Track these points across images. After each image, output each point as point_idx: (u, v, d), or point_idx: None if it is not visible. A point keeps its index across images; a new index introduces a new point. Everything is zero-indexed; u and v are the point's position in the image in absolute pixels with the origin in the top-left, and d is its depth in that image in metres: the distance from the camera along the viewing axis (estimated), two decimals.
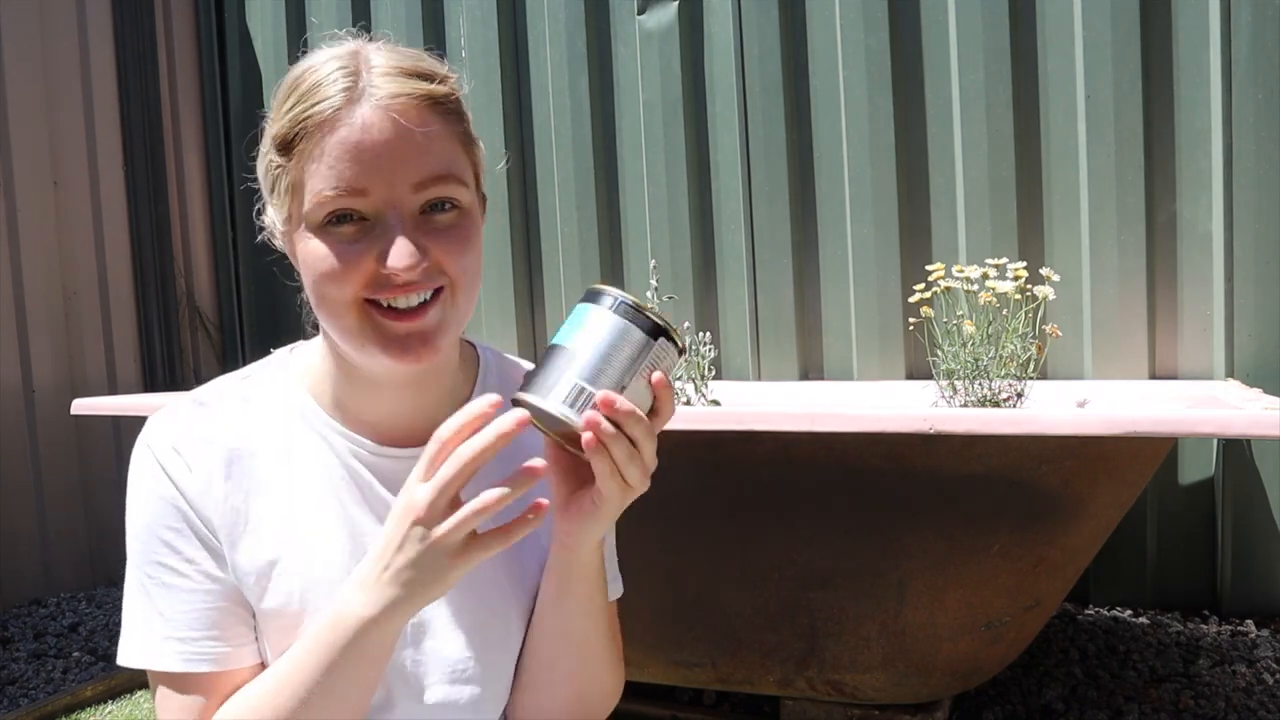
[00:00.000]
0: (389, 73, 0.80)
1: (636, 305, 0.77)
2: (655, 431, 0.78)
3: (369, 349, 0.82)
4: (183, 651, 0.84)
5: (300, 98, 0.81)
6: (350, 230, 0.80)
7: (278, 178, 0.83)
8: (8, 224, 3.18)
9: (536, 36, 3.17)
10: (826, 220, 2.82)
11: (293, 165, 0.81)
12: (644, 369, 0.76)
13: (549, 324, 3.23)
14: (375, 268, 0.80)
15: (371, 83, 0.79)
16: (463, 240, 0.83)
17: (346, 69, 0.80)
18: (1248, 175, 2.37)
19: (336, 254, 0.80)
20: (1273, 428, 1.38)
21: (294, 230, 0.83)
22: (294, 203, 0.82)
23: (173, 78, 3.72)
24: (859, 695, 1.82)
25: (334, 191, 0.78)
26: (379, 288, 0.80)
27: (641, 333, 0.76)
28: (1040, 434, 1.50)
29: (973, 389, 2.13)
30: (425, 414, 0.91)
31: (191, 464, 0.86)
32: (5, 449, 3.15)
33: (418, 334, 0.81)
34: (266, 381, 0.93)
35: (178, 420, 0.89)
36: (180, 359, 3.67)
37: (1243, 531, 2.43)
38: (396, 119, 0.78)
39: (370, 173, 0.78)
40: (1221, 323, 2.41)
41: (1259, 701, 2.08)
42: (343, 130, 0.78)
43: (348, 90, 0.79)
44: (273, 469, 0.89)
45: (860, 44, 2.72)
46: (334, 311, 0.82)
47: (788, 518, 1.72)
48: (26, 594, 3.16)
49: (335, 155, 0.78)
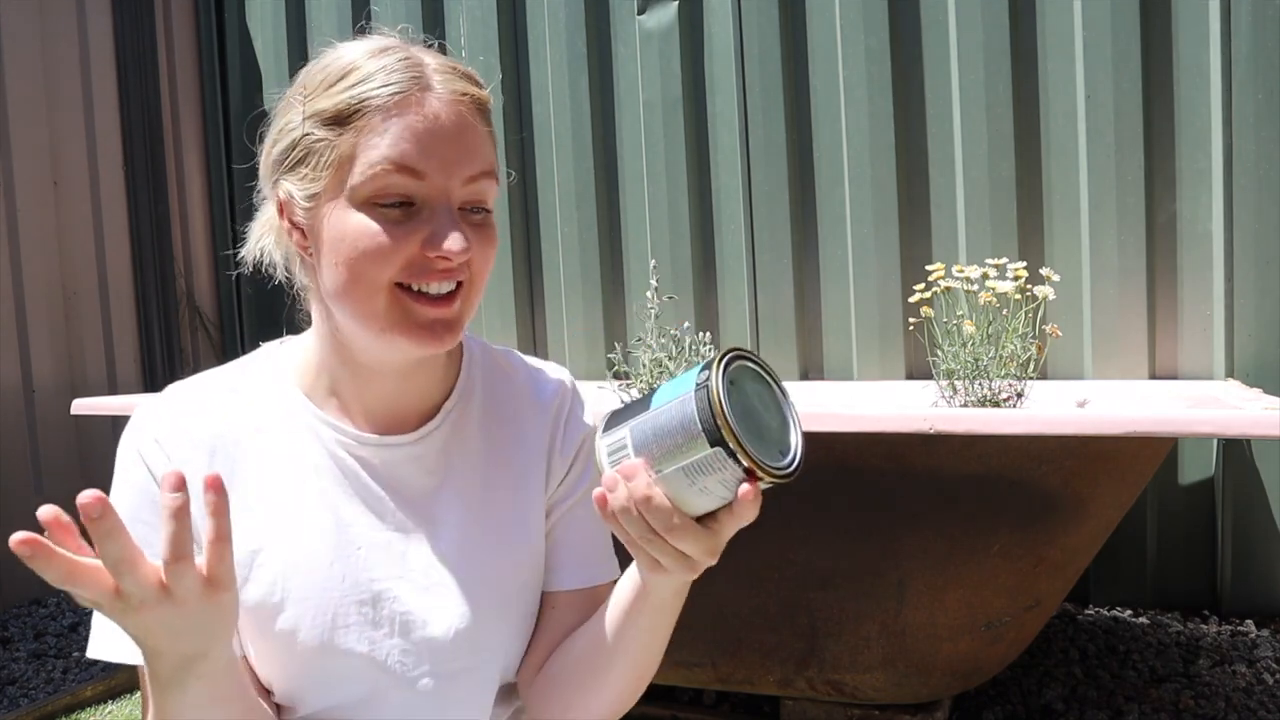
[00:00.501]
0: (447, 71, 0.84)
1: (717, 415, 0.66)
2: (706, 533, 0.73)
3: (393, 334, 0.83)
4: None
5: (363, 78, 0.82)
6: (397, 213, 0.81)
7: (316, 150, 0.83)
8: (8, 224, 3.18)
9: (536, 36, 3.17)
10: (826, 220, 2.82)
11: (345, 139, 0.81)
12: (687, 466, 0.68)
13: (549, 324, 3.23)
14: (419, 251, 0.81)
15: (434, 77, 0.83)
16: (490, 240, 0.86)
17: (409, 60, 0.83)
18: (1248, 175, 2.37)
19: (386, 231, 0.81)
20: (1273, 428, 1.38)
21: (324, 205, 0.83)
22: (336, 175, 0.82)
23: (173, 78, 3.73)
24: (859, 695, 1.82)
25: (393, 166, 0.80)
26: (417, 272, 0.82)
27: (709, 449, 0.67)
28: (1040, 434, 1.50)
29: (973, 389, 2.13)
30: (415, 401, 0.93)
31: (172, 455, 0.87)
32: (5, 449, 3.15)
33: (443, 321, 0.84)
34: (254, 373, 0.94)
35: (161, 412, 0.90)
36: (180, 359, 3.67)
37: (1243, 531, 2.43)
38: (463, 113, 0.83)
39: (432, 158, 0.81)
40: (1221, 323, 2.41)
41: (1259, 701, 2.08)
42: (411, 114, 0.81)
43: (416, 79, 0.82)
44: (257, 459, 0.89)
45: (860, 44, 2.72)
46: (366, 292, 0.82)
47: (787, 518, 1.72)
48: (26, 594, 3.17)
49: (400, 134, 0.80)
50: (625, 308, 3.11)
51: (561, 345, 3.20)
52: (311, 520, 0.88)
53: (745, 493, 0.69)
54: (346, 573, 0.88)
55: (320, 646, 0.87)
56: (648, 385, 2.44)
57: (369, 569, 0.88)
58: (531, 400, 0.99)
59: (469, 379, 0.97)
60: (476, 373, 0.98)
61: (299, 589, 0.86)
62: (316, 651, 0.87)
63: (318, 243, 0.85)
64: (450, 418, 0.94)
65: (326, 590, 0.87)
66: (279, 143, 0.86)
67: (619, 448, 0.72)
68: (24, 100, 3.24)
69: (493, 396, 0.98)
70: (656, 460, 0.70)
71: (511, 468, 0.96)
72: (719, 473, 0.68)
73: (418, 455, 0.92)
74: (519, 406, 0.98)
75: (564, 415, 0.99)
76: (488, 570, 0.93)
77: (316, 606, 0.87)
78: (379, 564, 0.89)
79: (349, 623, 0.87)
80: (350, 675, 0.88)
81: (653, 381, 2.43)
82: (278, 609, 0.86)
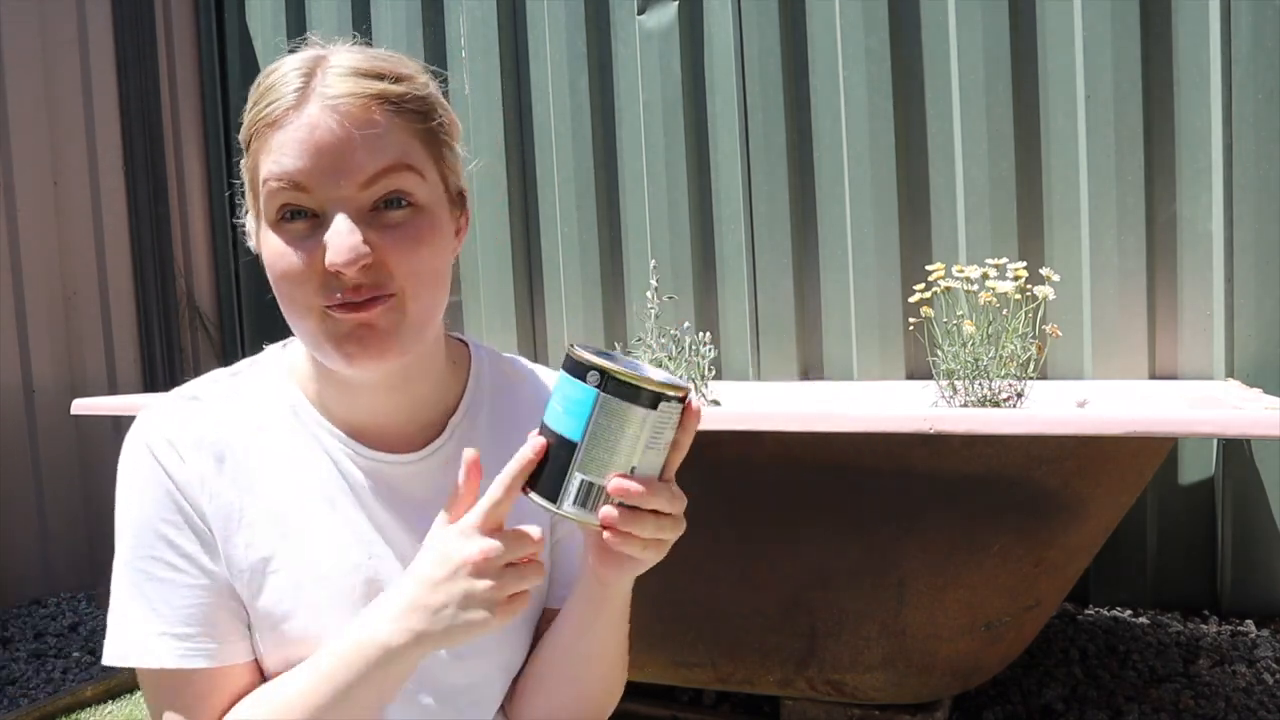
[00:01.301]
0: (344, 73, 0.80)
1: (628, 381, 0.71)
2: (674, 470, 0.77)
3: (326, 349, 0.81)
4: (178, 648, 0.83)
5: (259, 98, 0.82)
6: (302, 227, 0.80)
7: (243, 174, 0.86)
8: (8, 224, 3.18)
9: (536, 36, 3.17)
10: (826, 220, 2.82)
11: (249, 163, 0.83)
12: (650, 439, 0.72)
13: (549, 324, 3.23)
14: (324, 267, 0.79)
15: (324, 82, 0.80)
16: (413, 238, 0.81)
17: (302, 70, 0.81)
18: (1248, 175, 2.37)
19: (293, 248, 0.80)
20: (1273, 428, 1.38)
21: (259, 229, 0.84)
22: (254, 200, 0.84)
23: (173, 78, 3.73)
24: (859, 695, 1.82)
25: (277, 183, 0.79)
26: (331, 291, 0.79)
27: (641, 408, 0.71)
28: (1040, 434, 1.50)
29: (973, 389, 2.12)
30: (410, 417, 0.91)
31: (185, 456, 0.86)
32: (5, 449, 3.15)
33: (366, 326, 0.80)
34: (259, 377, 0.93)
35: (170, 415, 0.89)
36: (180, 359, 3.67)
37: (1243, 531, 2.43)
38: (340, 117, 0.78)
39: (312, 169, 0.78)
40: (1221, 323, 2.41)
41: (1259, 701, 2.08)
42: (290, 127, 0.79)
43: (299, 90, 0.79)
44: (265, 466, 0.88)
45: (860, 44, 2.72)
46: (299, 312, 0.82)
47: (788, 518, 1.72)
48: (26, 594, 3.16)
49: (281, 150, 0.79)
50: (625, 308, 3.11)
51: (561, 345, 3.19)
52: (321, 530, 0.88)
53: (694, 410, 0.76)
54: (356, 583, 0.87)
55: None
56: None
57: (376, 581, 0.88)
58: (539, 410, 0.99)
59: (477, 391, 0.96)
60: (485, 384, 0.97)
61: (309, 598, 0.86)
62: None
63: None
64: (457, 433, 0.93)
65: (335, 601, 0.87)
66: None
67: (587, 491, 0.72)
68: (24, 100, 3.24)
69: (501, 407, 0.97)
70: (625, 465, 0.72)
71: None
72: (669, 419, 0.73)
73: (423, 471, 0.91)
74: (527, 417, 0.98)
75: None
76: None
77: (325, 617, 0.86)
78: (386, 577, 0.88)
79: None
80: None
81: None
82: (287, 617, 0.86)
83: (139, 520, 0.85)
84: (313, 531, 0.87)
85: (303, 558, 0.87)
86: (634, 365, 0.75)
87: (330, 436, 0.90)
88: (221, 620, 0.85)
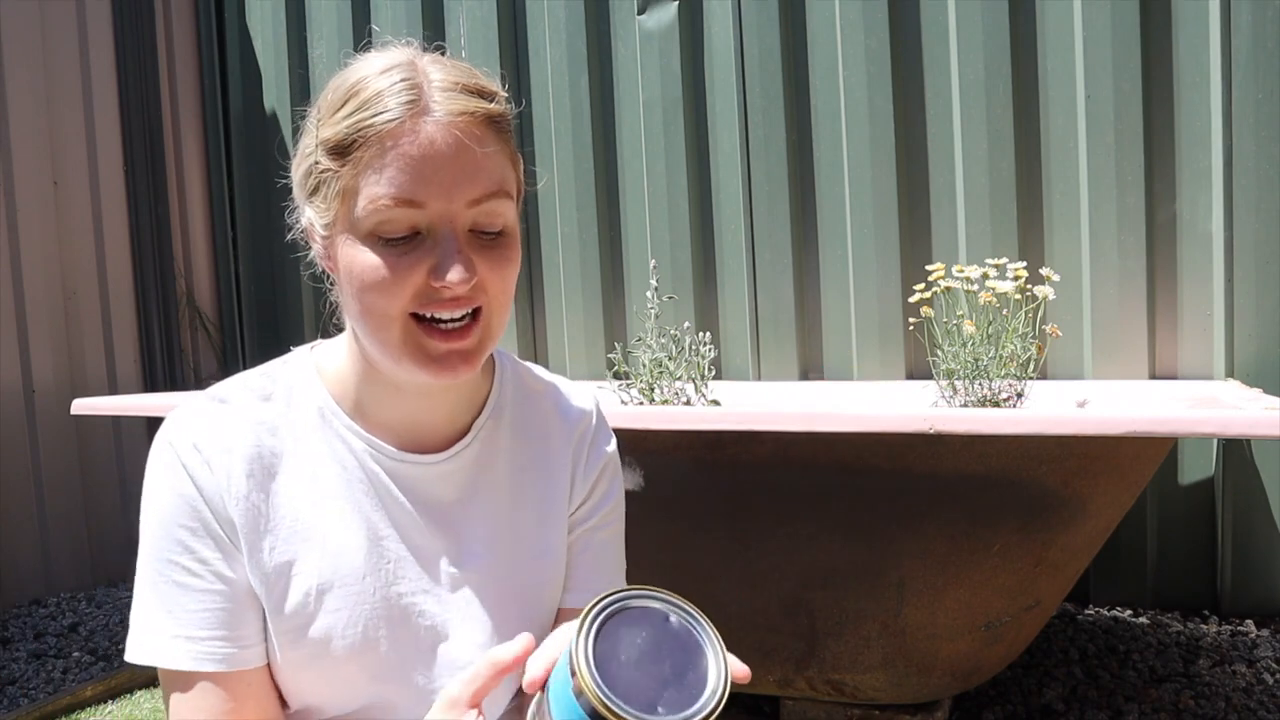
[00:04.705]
0: (449, 88, 0.82)
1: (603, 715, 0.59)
2: None
3: (406, 363, 0.84)
4: (191, 651, 0.84)
5: (361, 105, 0.81)
6: (401, 244, 0.81)
7: (325, 181, 0.83)
8: (8, 224, 3.19)
9: (536, 36, 3.17)
10: (826, 220, 2.82)
11: (346, 171, 0.81)
12: None
13: (549, 325, 3.23)
14: (425, 281, 0.81)
15: (433, 98, 0.81)
16: (505, 261, 0.85)
17: (408, 81, 0.81)
18: (1248, 175, 2.37)
19: (388, 265, 0.80)
20: (1273, 428, 1.38)
21: (337, 235, 0.84)
22: (343, 208, 0.82)
23: (173, 78, 3.73)
24: (859, 695, 1.82)
25: (392, 200, 0.79)
26: (426, 301, 0.81)
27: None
28: (1040, 434, 1.50)
29: (973, 389, 2.13)
30: (444, 419, 0.93)
31: (212, 462, 0.86)
32: (5, 449, 3.15)
33: (458, 353, 0.83)
34: (287, 380, 0.93)
35: (199, 418, 0.89)
36: (180, 359, 3.67)
37: (1243, 531, 2.43)
38: (460, 136, 0.80)
39: (430, 186, 0.79)
40: (1221, 323, 2.41)
41: (1259, 701, 2.08)
42: (405, 143, 0.79)
43: (411, 103, 0.80)
44: (293, 469, 0.89)
45: (860, 44, 2.72)
46: (379, 323, 0.83)
47: (788, 518, 1.72)
48: (26, 594, 3.16)
49: (397, 166, 0.79)
50: (625, 308, 3.11)
51: (561, 345, 3.20)
52: (345, 532, 0.89)
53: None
54: (377, 586, 0.88)
55: (349, 657, 0.87)
56: (648, 385, 2.44)
57: (398, 582, 0.89)
58: (558, 419, 1.00)
59: (501, 395, 0.98)
60: (508, 389, 0.99)
61: (332, 600, 0.87)
62: (345, 661, 0.87)
63: (336, 270, 0.86)
64: (481, 435, 0.95)
65: (358, 602, 0.88)
66: (300, 165, 0.87)
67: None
68: (24, 100, 3.24)
69: (522, 413, 0.99)
70: None
71: (537, 485, 0.97)
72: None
73: (448, 472, 0.93)
74: (546, 424, 1.00)
75: (589, 436, 1.01)
76: (513, 586, 0.94)
77: (348, 618, 0.87)
78: (408, 578, 0.89)
79: (378, 635, 0.88)
80: (374, 686, 0.89)
81: (652, 381, 2.43)
82: (310, 618, 0.86)
83: (159, 524, 0.86)
84: (336, 534, 0.88)
85: (326, 560, 0.88)
86: (667, 637, 0.65)
87: (358, 439, 0.91)
88: (237, 625, 0.86)
